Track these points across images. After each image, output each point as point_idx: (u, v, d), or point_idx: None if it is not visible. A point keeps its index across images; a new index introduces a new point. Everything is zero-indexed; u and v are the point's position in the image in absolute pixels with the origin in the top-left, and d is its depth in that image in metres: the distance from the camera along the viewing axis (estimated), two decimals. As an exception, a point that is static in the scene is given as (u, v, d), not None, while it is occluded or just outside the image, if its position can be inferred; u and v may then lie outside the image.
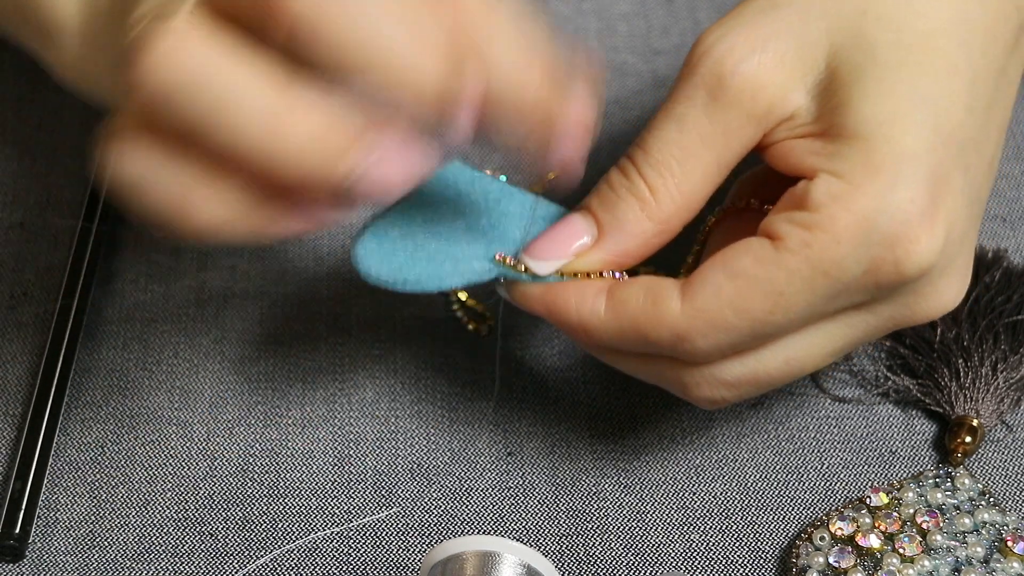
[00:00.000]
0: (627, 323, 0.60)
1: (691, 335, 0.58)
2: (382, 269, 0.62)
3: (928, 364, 0.71)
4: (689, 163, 0.60)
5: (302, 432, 0.70)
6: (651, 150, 0.60)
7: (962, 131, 0.58)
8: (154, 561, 0.65)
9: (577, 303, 0.61)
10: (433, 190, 0.64)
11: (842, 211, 0.57)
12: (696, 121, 0.59)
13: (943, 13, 0.59)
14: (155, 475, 0.68)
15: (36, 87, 0.81)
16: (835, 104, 0.58)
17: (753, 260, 0.58)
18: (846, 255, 0.57)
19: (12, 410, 0.70)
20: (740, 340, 0.59)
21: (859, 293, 0.58)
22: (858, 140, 0.57)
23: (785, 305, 0.58)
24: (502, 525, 0.67)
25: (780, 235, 0.58)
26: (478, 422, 0.70)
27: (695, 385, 0.61)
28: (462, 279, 0.62)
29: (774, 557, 0.66)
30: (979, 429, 0.68)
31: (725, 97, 0.59)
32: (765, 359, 0.60)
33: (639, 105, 0.82)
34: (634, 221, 0.61)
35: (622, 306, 0.60)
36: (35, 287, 0.74)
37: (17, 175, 0.78)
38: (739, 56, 0.59)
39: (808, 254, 0.57)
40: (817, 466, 0.69)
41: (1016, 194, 0.78)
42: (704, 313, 0.58)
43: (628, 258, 0.61)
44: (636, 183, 0.60)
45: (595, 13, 0.86)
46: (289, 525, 0.67)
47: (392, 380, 0.71)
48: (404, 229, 0.63)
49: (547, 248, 0.62)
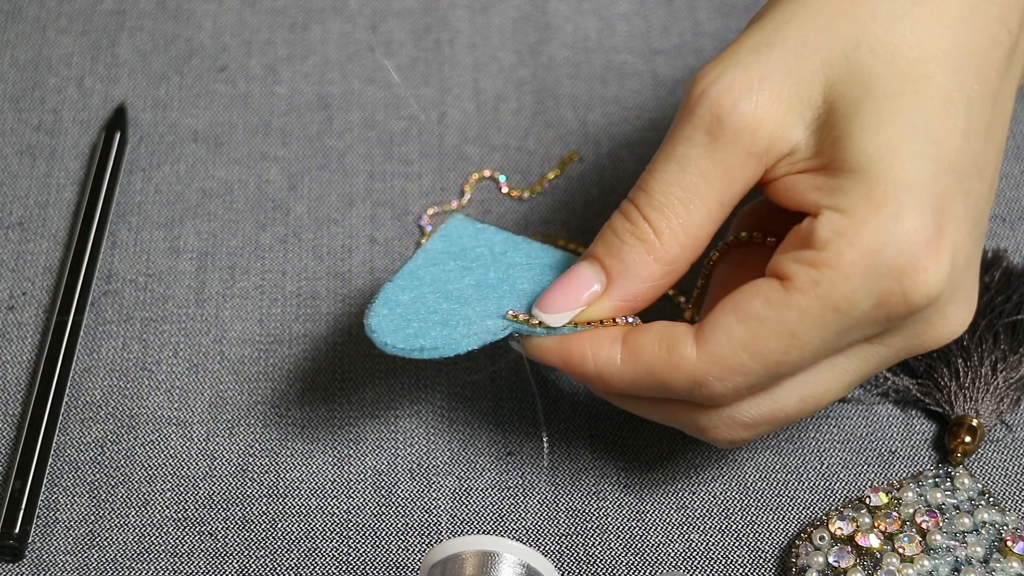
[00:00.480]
0: (643, 371, 0.60)
1: (708, 380, 0.59)
2: (397, 338, 0.61)
3: (928, 364, 0.71)
4: (692, 203, 0.60)
5: (302, 432, 0.70)
6: (653, 192, 0.60)
7: (961, 158, 0.58)
8: (154, 561, 0.65)
9: (593, 353, 0.61)
10: (438, 247, 0.65)
11: (848, 247, 0.57)
12: (697, 161, 0.60)
13: (934, 41, 0.59)
14: (155, 475, 0.68)
15: (36, 86, 0.81)
16: (834, 138, 0.58)
17: (763, 302, 0.58)
18: (855, 290, 0.57)
19: (12, 410, 0.70)
20: (757, 382, 0.59)
21: (870, 326, 0.58)
22: (859, 173, 0.57)
23: (799, 344, 0.58)
24: (502, 525, 0.67)
25: (788, 275, 0.58)
26: (478, 422, 0.70)
27: (713, 428, 0.61)
28: (478, 340, 0.62)
29: (774, 557, 0.66)
30: (979, 429, 0.68)
31: (725, 136, 0.59)
32: (781, 398, 0.61)
33: (639, 105, 0.82)
34: (641, 264, 0.61)
35: (638, 354, 0.60)
36: (35, 287, 0.74)
37: (17, 175, 0.78)
38: (737, 95, 0.59)
39: (818, 292, 0.57)
40: (817, 466, 0.69)
41: (1016, 194, 0.78)
42: (719, 358, 0.58)
43: (639, 302, 0.62)
44: (640, 226, 0.61)
45: (595, 13, 0.86)
46: (289, 525, 0.67)
47: (392, 380, 0.71)
48: (414, 292, 0.63)
49: (558, 300, 0.62)
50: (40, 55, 0.83)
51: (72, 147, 0.79)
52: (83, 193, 0.77)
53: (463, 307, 0.63)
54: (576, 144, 0.80)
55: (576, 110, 0.81)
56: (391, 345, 0.61)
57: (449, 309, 0.63)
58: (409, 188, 0.78)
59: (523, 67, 0.83)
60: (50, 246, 0.76)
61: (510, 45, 0.84)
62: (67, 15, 0.84)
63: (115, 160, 0.77)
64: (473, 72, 0.83)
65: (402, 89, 0.80)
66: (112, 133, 0.78)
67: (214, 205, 0.77)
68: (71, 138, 0.79)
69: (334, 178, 0.79)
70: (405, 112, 0.81)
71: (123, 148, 0.78)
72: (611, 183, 0.78)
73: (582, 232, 0.76)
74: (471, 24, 0.85)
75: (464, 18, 0.85)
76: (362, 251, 0.76)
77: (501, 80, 0.82)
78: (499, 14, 0.85)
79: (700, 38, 0.84)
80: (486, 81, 0.82)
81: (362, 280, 0.75)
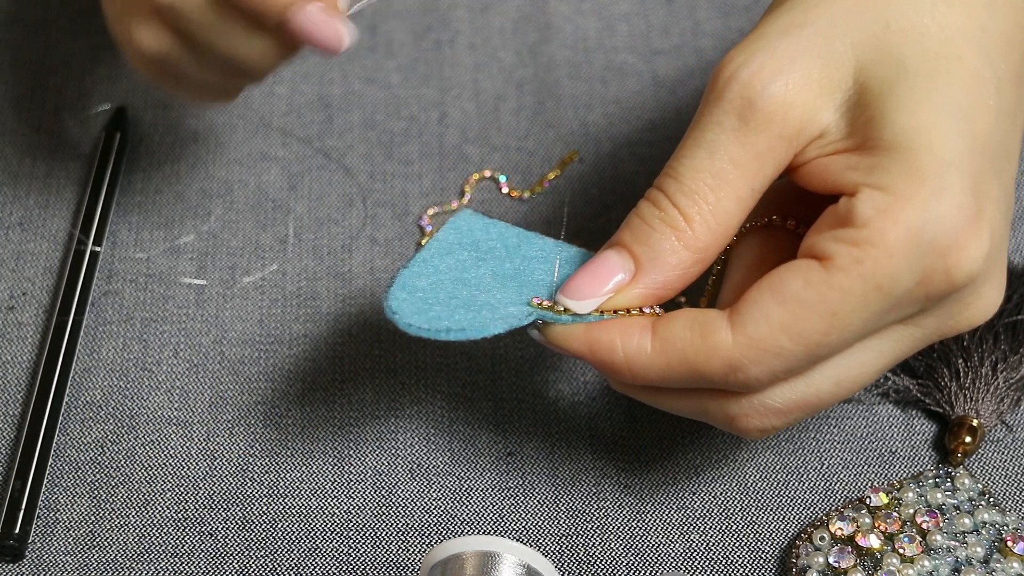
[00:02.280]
0: (676, 358, 0.59)
1: (745, 365, 0.58)
2: (421, 320, 0.60)
3: (928, 364, 0.71)
4: (722, 189, 0.59)
5: (302, 432, 0.70)
6: (683, 178, 0.59)
7: (993, 138, 0.58)
8: (154, 561, 0.65)
9: (623, 342, 0.60)
10: (450, 239, 0.64)
11: (891, 224, 0.56)
12: (727, 146, 0.59)
13: (962, 22, 0.59)
14: (155, 475, 0.68)
15: (36, 87, 0.81)
16: (867, 118, 0.58)
17: (803, 283, 0.57)
18: (899, 268, 0.56)
19: (12, 410, 0.70)
20: (795, 365, 0.58)
21: (910, 306, 0.58)
22: (898, 151, 0.57)
23: (840, 325, 0.57)
24: (502, 525, 0.67)
25: (829, 255, 0.57)
26: (478, 422, 0.70)
27: (743, 416, 0.60)
28: (504, 324, 0.60)
29: (774, 557, 0.66)
30: (979, 429, 0.68)
31: (755, 120, 0.58)
32: (815, 382, 0.60)
33: (639, 105, 0.82)
34: (671, 251, 0.59)
35: (669, 342, 0.59)
36: (35, 287, 0.74)
37: (17, 175, 0.78)
38: (767, 78, 0.58)
39: (861, 271, 0.56)
40: (817, 466, 0.69)
41: (1016, 194, 0.78)
42: (758, 342, 0.57)
43: (668, 291, 0.60)
44: (670, 212, 0.59)
45: (595, 13, 0.86)
46: (289, 525, 0.67)
47: (392, 380, 0.71)
48: (431, 279, 0.62)
49: (585, 286, 0.61)
50: (41, 56, 0.83)
51: (72, 147, 0.79)
52: (83, 193, 0.77)
53: (484, 294, 0.61)
54: (576, 144, 0.80)
55: (576, 110, 0.81)
56: (415, 326, 0.59)
57: (469, 295, 0.61)
58: (409, 188, 0.78)
59: (523, 67, 0.83)
60: (50, 246, 0.76)
61: (510, 45, 0.84)
62: (68, 16, 0.84)
63: (115, 160, 0.77)
64: (473, 72, 0.83)
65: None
66: (112, 133, 0.78)
67: (214, 205, 0.77)
68: (71, 138, 0.79)
69: (334, 178, 0.79)
70: (405, 112, 0.81)
71: (123, 148, 0.78)
72: (611, 183, 0.78)
73: (582, 232, 0.76)
74: (471, 24, 0.85)
75: (464, 18, 0.85)
76: (362, 251, 0.76)
77: (501, 80, 0.82)
78: (499, 14, 0.85)
79: (700, 38, 0.84)
80: (486, 81, 0.82)
81: (362, 280, 0.75)
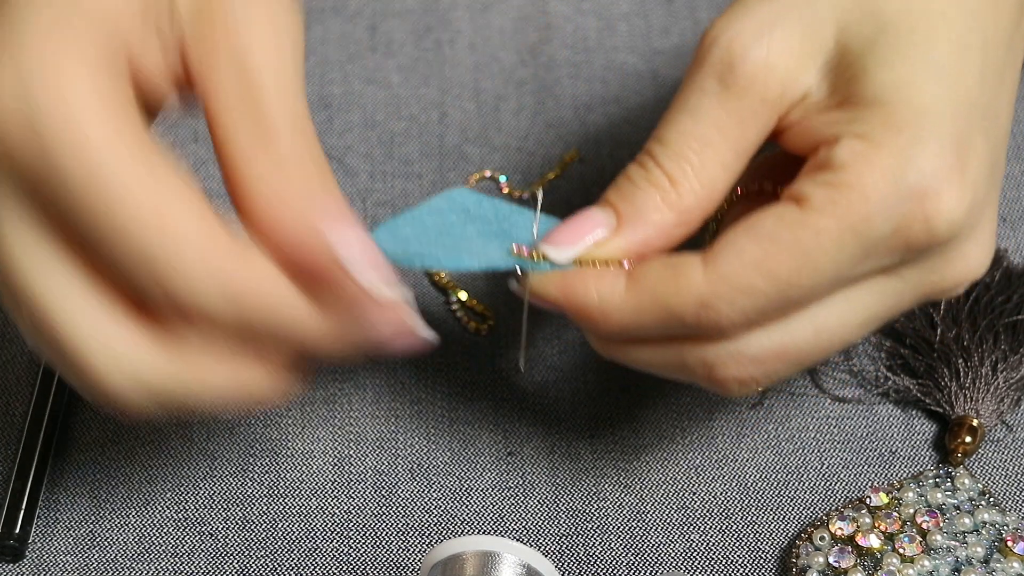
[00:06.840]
0: (647, 297, 0.58)
1: (715, 301, 0.57)
2: (396, 250, 0.60)
3: (928, 364, 0.71)
4: (707, 153, 0.59)
5: (302, 432, 0.70)
6: (668, 141, 0.60)
7: (979, 97, 0.58)
8: (154, 561, 0.65)
9: (597, 286, 0.59)
10: (441, 205, 0.64)
11: (868, 168, 0.56)
12: (710, 111, 0.59)
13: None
14: (155, 475, 0.68)
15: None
16: (849, 76, 0.58)
17: (777, 221, 0.57)
18: (875, 211, 0.56)
19: (12, 410, 0.70)
20: (767, 305, 0.57)
21: (888, 254, 0.57)
22: (878, 104, 0.57)
23: (812, 265, 0.56)
24: (502, 525, 0.67)
25: (805, 196, 0.57)
26: (478, 422, 0.70)
27: (721, 364, 0.59)
28: (480, 262, 0.61)
29: (774, 557, 0.66)
30: (979, 429, 0.68)
31: (737, 84, 0.59)
32: (793, 330, 0.59)
33: (639, 105, 0.82)
34: (654, 210, 0.59)
35: (642, 282, 0.58)
36: (35, 287, 0.74)
37: (17, 175, 0.78)
38: (747, 42, 0.59)
39: (835, 211, 0.56)
40: (817, 466, 0.69)
41: (1016, 194, 0.78)
42: (728, 278, 0.57)
43: (648, 249, 0.60)
44: (655, 173, 0.60)
45: (595, 13, 0.86)
46: (289, 525, 0.67)
47: (392, 380, 0.71)
48: (416, 228, 0.62)
49: (566, 235, 0.61)
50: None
51: (72, 147, 0.79)
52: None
53: (466, 244, 0.62)
54: (576, 144, 0.80)
55: (576, 110, 0.81)
56: (389, 252, 0.59)
57: (452, 243, 0.62)
58: (409, 188, 0.78)
59: (523, 67, 0.83)
60: (50, 246, 0.75)
61: (510, 45, 0.84)
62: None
63: (115, 160, 0.77)
64: (473, 72, 0.83)
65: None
66: (112, 133, 0.78)
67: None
68: (71, 138, 0.79)
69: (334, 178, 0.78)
70: (405, 112, 0.81)
71: (123, 148, 0.78)
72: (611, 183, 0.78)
73: (582, 232, 0.76)
74: (471, 24, 0.85)
75: (464, 18, 0.85)
76: (362, 251, 0.76)
77: (501, 80, 0.82)
78: (499, 14, 0.85)
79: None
80: (486, 81, 0.82)
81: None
